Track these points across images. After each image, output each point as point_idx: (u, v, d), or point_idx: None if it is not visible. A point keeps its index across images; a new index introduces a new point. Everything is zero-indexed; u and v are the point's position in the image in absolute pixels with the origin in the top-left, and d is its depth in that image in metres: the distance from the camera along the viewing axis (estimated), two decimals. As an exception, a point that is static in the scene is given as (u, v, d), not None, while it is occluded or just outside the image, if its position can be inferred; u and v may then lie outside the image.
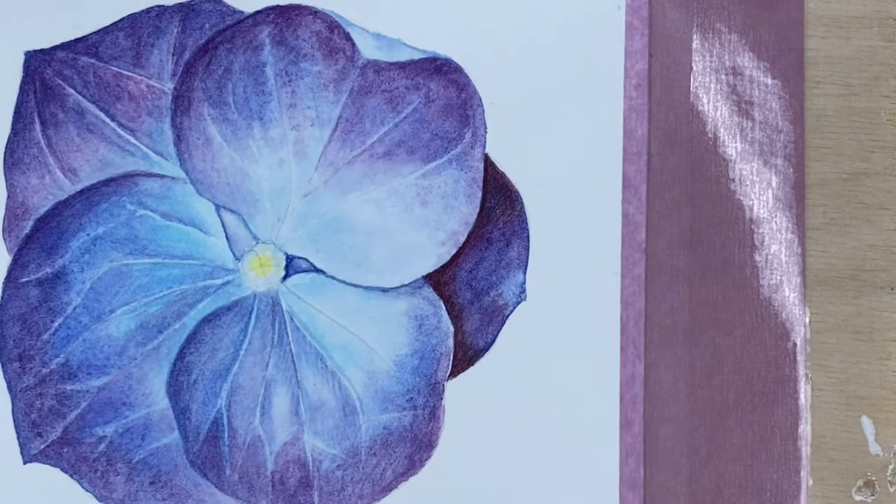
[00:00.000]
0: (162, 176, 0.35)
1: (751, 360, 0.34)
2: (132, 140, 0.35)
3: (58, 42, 0.36)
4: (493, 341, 0.34)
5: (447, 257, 0.34)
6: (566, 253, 0.34)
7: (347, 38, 0.35)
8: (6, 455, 0.34)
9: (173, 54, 0.35)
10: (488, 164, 0.34)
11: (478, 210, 0.34)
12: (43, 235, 0.35)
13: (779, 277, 0.34)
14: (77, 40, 0.35)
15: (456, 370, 0.34)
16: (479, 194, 0.34)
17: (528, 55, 0.35)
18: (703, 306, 0.34)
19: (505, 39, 0.35)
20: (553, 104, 0.34)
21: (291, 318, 0.34)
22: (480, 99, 0.35)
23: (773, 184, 0.34)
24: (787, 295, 0.34)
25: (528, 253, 0.34)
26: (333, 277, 0.34)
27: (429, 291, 0.34)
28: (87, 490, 0.34)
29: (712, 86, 0.35)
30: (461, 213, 0.34)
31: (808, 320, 0.34)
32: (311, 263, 0.34)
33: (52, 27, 0.36)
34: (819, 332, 0.34)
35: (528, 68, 0.35)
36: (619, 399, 0.33)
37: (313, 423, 0.33)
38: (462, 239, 0.34)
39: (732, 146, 0.35)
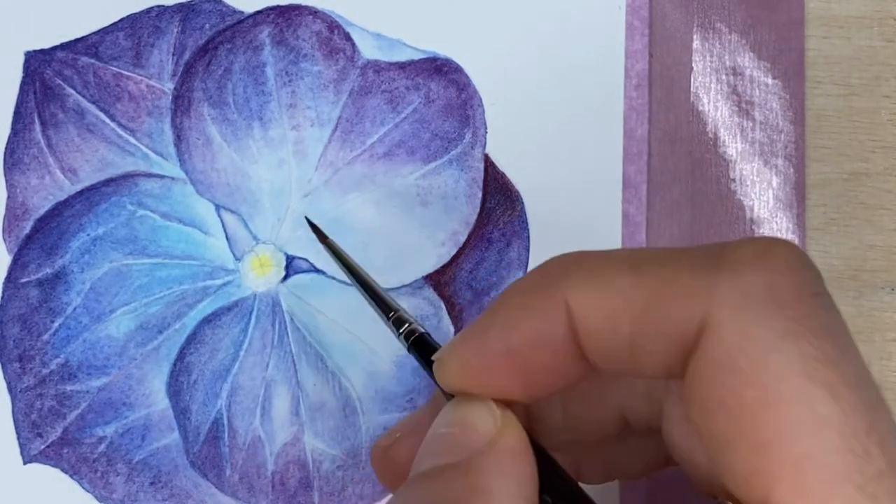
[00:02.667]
0: (162, 176, 0.35)
1: (751, 361, 0.34)
2: (132, 140, 0.35)
3: (58, 42, 0.35)
4: (493, 341, 0.34)
5: (447, 258, 0.34)
6: (566, 253, 0.34)
7: (347, 38, 0.35)
8: (6, 455, 0.34)
9: (173, 54, 0.35)
10: (488, 164, 0.34)
11: (478, 210, 0.34)
12: (43, 236, 0.35)
13: (779, 278, 0.34)
14: (77, 40, 0.35)
15: (456, 370, 0.34)
16: (480, 194, 0.34)
17: (529, 55, 0.35)
18: (704, 306, 0.34)
19: (505, 39, 0.35)
20: (553, 104, 0.34)
21: (291, 319, 0.34)
22: (480, 99, 0.34)
23: (774, 184, 0.34)
24: (788, 295, 0.34)
25: (528, 253, 0.34)
26: (333, 278, 0.34)
27: (429, 292, 0.34)
28: (87, 490, 0.33)
29: (713, 86, 0.35)
30: (461, 214, 0.34)
31: (808, 320, 0.34)
32: (311, 264, 0.34)
33: (52, 27, 0.36)
34: (819, 333, 0.34)
35: (528, 68, 0.35)
36: (619, 399, 0.33)
37: (314, 423, 0.33)
38: (462, 239, 0.34)
39: (733, 146, 0.35)
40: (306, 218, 0.32)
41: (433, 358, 0.22)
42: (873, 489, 0.17)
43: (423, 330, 0.25)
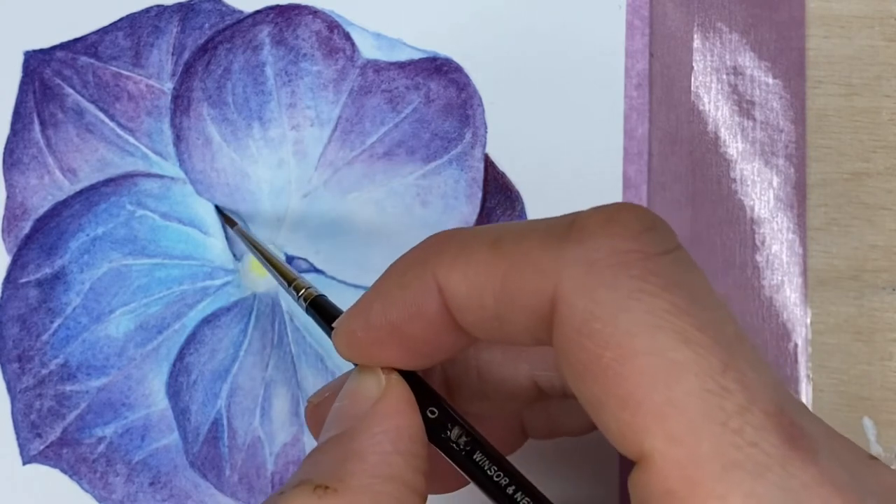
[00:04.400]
0: (161, 176, 0.35)
1: (752, 361, 0.34)
2: (131, 140, 0.35)
3: (57, 42, 0.35)
4: (493, 342, 0.34)
5: (447, 258, 0.34)
6: (566, 253, 0.34)
7: (347, 37, 0.35)
8: (6, 456, 0.34)
9: (173, 54, 0.35)
10: (488, 164, 0.34)
11: (478, 210, 0.34)
12: (42, 236, 0.34)
13: (780, 278, 0.34)
14: (76, 40, 0.35)
15: (456, 371, 0.34)
16: (480, 194, 0.34)
17: (528, 55, 0.35)
18: (704, 307, 0.34)
19: (505, 39, 0.35)
20: (553, 104, 0.34)
21: (291, 319, 0.34)
22: (480, 99, 0.34)
23: (774, 184, 0.34)
24: (789, 295, 0.34)
25: (528, 253, 0.34)
26: (333, 278, 0.34)
27: (429, 292, 0.34)
28: (86, 491, 0.33)
29: (713, 85, 0.35)
30: (461, 214, 0.34)
31: (809, 321, 0.34)
32: (311, 264, 0.34)
33: (52, 27, 0.35)
34: (820, 333, 0.34)
35: (528, 68, 0.35)
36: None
37: (313, 423, 0.33)
38: (462, 239, 0.34)
39: (733, 146, 0.34)
40: (215, 206, 0.34)
41: (332, 326, 0.24)
42: (737, 424, 0.18)
43: (319, 293, 0.27)
